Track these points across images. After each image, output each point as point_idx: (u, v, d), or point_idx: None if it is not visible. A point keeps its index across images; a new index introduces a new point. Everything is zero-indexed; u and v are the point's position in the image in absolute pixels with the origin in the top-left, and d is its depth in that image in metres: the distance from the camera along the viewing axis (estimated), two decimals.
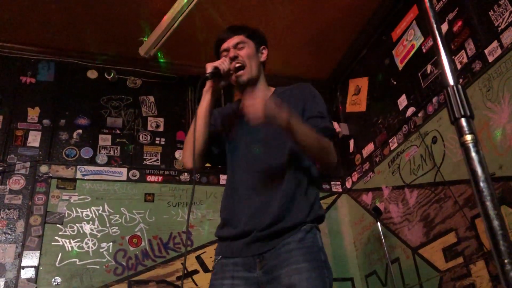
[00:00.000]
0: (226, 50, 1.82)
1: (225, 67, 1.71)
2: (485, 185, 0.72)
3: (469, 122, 0.77)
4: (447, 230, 2.98)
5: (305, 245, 1.58)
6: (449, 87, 0.79)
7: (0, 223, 3.26)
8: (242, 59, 1.79)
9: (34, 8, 3.60)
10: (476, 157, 0.74)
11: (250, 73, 1.80)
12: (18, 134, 3.64)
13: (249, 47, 1.84)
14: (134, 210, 3.59)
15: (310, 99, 1.79)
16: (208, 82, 1.74)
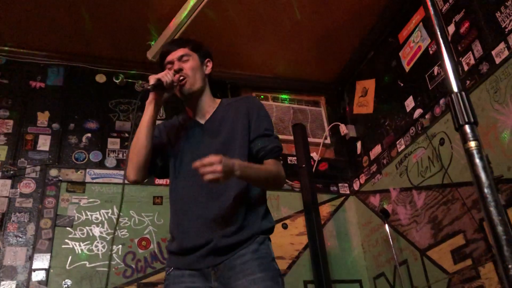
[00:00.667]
0: (170, 62, 1.84)
1: (168, 79, 1.71)
2: (489, 191, 0.73)
3: (473, 129, 0.78)
4: (455, 232, 2.98)
5: (259, 256, 1.60)
6: (453, 94, 0.80)
7: (12, 226, 3.30)
8: (186, 72, 1.80)
9: (43, 13, 3.64)
10: (480, 163, 0.75)
11: (194, 85, 1.81)
12: (28, 138, 3.68)
13: (194, 59, 1.85)
14: (142, 213, 3.61)
15: (255, 116, 1.79)
16: (151, 94, 1.75)
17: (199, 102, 1.86)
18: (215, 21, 3.77)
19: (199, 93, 1.84)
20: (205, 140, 1.79)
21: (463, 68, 3.02)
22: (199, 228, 1.66)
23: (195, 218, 1.68)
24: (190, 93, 1.81)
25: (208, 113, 1.86)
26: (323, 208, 4.05)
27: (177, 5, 3.49)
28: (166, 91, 1.76)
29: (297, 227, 3.88)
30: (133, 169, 1.74)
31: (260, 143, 1.73)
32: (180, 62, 1.82)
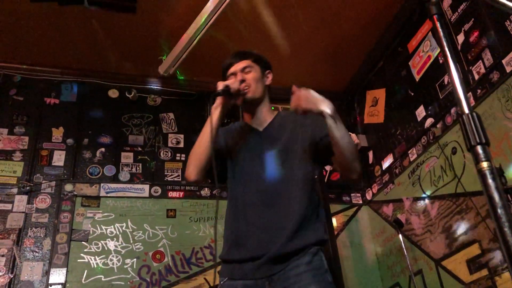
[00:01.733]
0: (233, 73, 1.88)
1: (235, 87, 1.77)
2: (502, 211, 0.74)
3: (485, 149, 0.80)
4: (470, 242, 2.96)
5: (313, 268, 1.59)
6: (464, 115, 0.82)
7: (28, 242, 3.35)
8: (248, 82, 1.84)
9: (56, 31, 3.72)
10: (492, 183, 0.76)
11: (255, 93, 1.84)
12: (44, 154, 3.74)
13: (255, 71, 1.89)
14: (156, 226, 3.65)
15: (315, 120, 1.79)
16: (218, 98, 1.78)
17: (258, 110, 1.89)
18: (225, 35, 3.81)
19: (259, 102, 1.88)
20: (264, 147, 1.81)
21: (473, 77, 3.02)
22: (256, 236, 1.65)
23: (252, 225, 1.68)
24: (251, 101, 1.85)
25: (266, 121, 1.89)
26: (336, 218, 4.05)
27: (187, 20, 3.54)
28: (232, 98, 1.80)
29: None
30: (194, 169, 1.76)
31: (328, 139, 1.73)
32: (242, 73, 1.86)
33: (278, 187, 1.71)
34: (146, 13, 3.60)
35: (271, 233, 1.63)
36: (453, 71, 0.84)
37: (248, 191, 1.75)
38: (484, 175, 0.77)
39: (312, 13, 3.75)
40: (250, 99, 1.83)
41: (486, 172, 0.78)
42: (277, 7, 3.66)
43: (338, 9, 3.73)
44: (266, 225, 1.65)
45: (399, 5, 3.76)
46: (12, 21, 3.60)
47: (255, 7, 3.62)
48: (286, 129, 1.84)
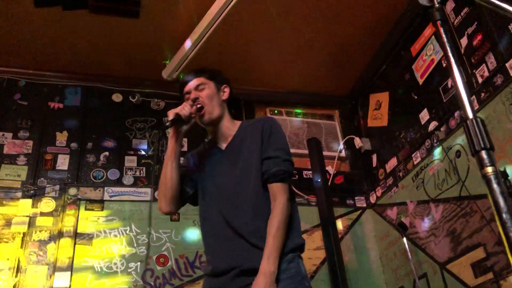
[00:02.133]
0: (188, 92, 1.90)
1: (186, 112, 1.79)
2: (508, 216, 0.74)
3: (490, 154, 0.80)
4: (475, 245, 2.95)
5: (289, 275, 1.61)
6: (469, 120, 0.82)
7: (33, 245, 3.36)
8: (202, 100, 1.86)
9: (60, 36, 3.74)
10: (497, 188, 0.77)
11: (211, 113, 1.87)
12: (48, 158, 3.76)
13: (210, 87, 1.91)
14: (160, 230, 3.65)
15: (266, 137, 1.81)
16: (172, 128, 1.82)
17: (219, 127, 1.91)
18: (228, 39, 3.82)
19: (218, 120, 1.90)
20: (226, 166, 1.84)
21: (477, 81, 3.02)
22: (227, 250, 1.70)
23: (222, 240, 1.72)
24: (209, 122, 1.88)
25: (229, 137, 1.91)
26: (340, 222, 4.04)
27: (191, 24, 3.56)
28: (185, 124, 1.82)
29: (314, 241, 3.88)
30: (164, 202, 1.83)
31: (265, 166, 1.75)
32: (196, 91, 1.88)
33: (239, 202, 1.74)
34: (149, 18, 3.62)
35: (239, 246, 1.67)
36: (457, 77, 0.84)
37: (212, 209, 1.80)
38: (489, 180, 0.77)
39: (315, 17, 3.76)
40: (207, 121, 1.86)
41: (491, 177, 0.78)
42: (280, 11, 3.66)
43: (341, 13, 3.74)
44: (234, 239, 1.69)
45: (402, 8, 3.76)
46: (16, 26, 3.63)
47: (258, 11, 3.63)
48: (245, 145, 1.85)
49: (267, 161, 1.76)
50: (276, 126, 1.87)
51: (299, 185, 4.09)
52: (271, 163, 1.75)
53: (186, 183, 1.89)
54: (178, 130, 1.83)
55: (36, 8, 3.44)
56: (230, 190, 1.77)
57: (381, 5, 3.69)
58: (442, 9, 0.95)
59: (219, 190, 1.80)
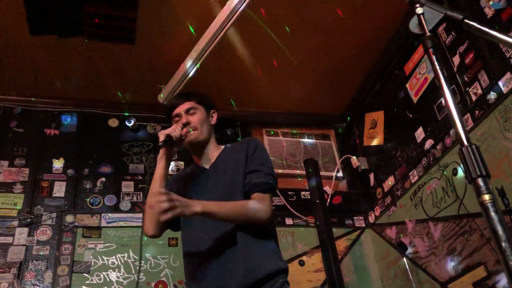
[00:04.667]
0: (178, 115, 1.91)
1: (177, 134, 1.79)
2: (507, 244, 0.74)
3: (486, 181, 0.80)
4: (475, 264, 2.93)
5: None
6: (464, 148, 0.82)
7: (29, 275, 3.31)
8: (194, 125, 1.87)
9: (56, 63, 3.77)
10: (495, 216, 0.76)
11: (201, 136, 1.89)
12: (44, 185, 3.73)
13: (200, 112, 1.93)
14: (158, 256, 3.61)
15: (250, 155, 1.84)
16: (162, 149, 1.82)
17: (205, 150, 1.93)
18: (223, 62, 3.85)
19: (205, 143, 1.92)
20: (210, 186, 1.84)
21: (471, 98, 3.04)
22: (212, 274, 1.67)
23: (207, 264, 1.70)
24: (196, 143, 1.89)
25: (213, 158, 1.93)
26: (340, 243, 4.01)
27: (186, 48, 3.58)
28: (175, 145, 1.84)
29: (314, 263, 3.84)
30: (150, 225, 1.80)
31: (247, 178, 1.77)
32: (187, 115, 1.90)
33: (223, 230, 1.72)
34: (145, 43, 3.65)
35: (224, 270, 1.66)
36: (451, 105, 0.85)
37: (196, 230, 1.78)
38: (487, 208, 0.77)
39: (309, 38, 3.80)
40: (195, 142, 1.88)
41: (488, 204, 0.78)
42: (274, 33, 3.70)
43: (335, 34, 3.78)
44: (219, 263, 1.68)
45: (394, 28, 3.81)
46: (12, 54, 3.64)
47: (253, 33, 3.67)
48: (230, 164, 1.86)
49: (250, 174, 1.78)
50: (260, 145, 1.91)
51: (297, 206, 4.08)
52: (253, 176, 1.77)
53: None
54: (168, 152, 1.83)
55: (32, 36, 3.46)
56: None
57: (374, 25, 3.73)
58: (433, 37, 0.96)
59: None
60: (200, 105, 1.94)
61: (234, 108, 4.30)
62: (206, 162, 1.93)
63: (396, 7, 3.53)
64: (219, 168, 1.88)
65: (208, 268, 1.70)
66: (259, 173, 1.78)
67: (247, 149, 1.85)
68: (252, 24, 3.56)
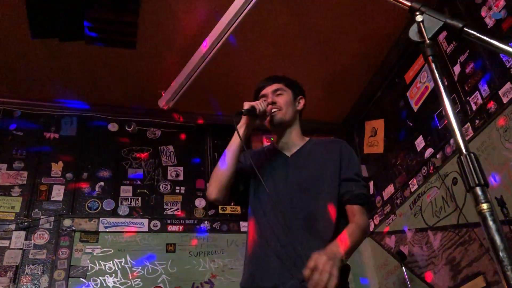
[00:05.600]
0: (264, 95, 1.90)
1: (261, 108, 1.78)
2: (504, 254, 0.73)
3: (484, 190, 0.79)
4: (474, 274, 2.90)
5: None
6: (462, 156, 0.82)
7: (25, 279, 3.29)
8: (279, 105, 1.86)
9: (56, 66, 3.77)
10: (493, 225, 0.75)
11: (285, 115, 1.86)
12: (42, 189, 3.73)
13: (287, 94, 1.92)
14: (156, 261, 3.59)
15: (346, 159, 1.80)
16: (243, 118, 1.80)
17: (288, 134, 1.90)
18: (223, 69, 3.85)
19: (288, 125, 1.89)
20: (289, 172, 1.79)
21: (471, 108, 3.04)
22: (276, 266, 1.59)
23: (272, 254, 1.63)
24: (280, 123, 1.86)
25: (295, 147, 1.88)
26: None
27: (186, 54, 3.59)
28: (257, 118, 1.81)
29: None
30: (215, 188, 1.76)
31: (347, 186, 1.73)
32: (274, 96, 1.88)
33: (300, 215, 1.67)
34: (146, 48, 3.65)
35: (291, 265, 1.57)
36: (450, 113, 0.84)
37: (267, 216, 1.72)
38: (485, 217, 0.76)
39: (310, 45, 3.80)
40: (279, 121, 1.85)
41: (486, 214, 0.77)
42: (275, 40, 3.71)
43: (336, 42, 3.79)
44: (286, 256, 1.59)
45: (395, 37, 3.81)
46: (12, 57, 3.65)
47: (253, 41, 3.67)
48: (315, 158, 1.82)
49: (349, 183, 1.74)
50: (353, 151, 1.89)
51: None
52: (354, 185, 1.73)
53: (239, 179, 1.84)
54: (249, 122, 1.80)
55: (33, 39, 3.46)
56: (293, 198, 1.71)
57: (375, 33, 3.74)
58: (433, 45, 0.96)
59: (280, 198, 1.73)
60: (288, 88, 1.93)
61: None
62: (287, 148, 1.89)
63: (397, 16, 3.54)
64: (301, 159, 1.83)
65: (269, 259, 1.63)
66: (358, 184, 1.75)
67: (341, 151, 1.82)
68: (253, 30, 3.57)
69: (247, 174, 1.87)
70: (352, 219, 1.68)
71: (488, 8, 2.94)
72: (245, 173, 1.86)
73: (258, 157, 1.93)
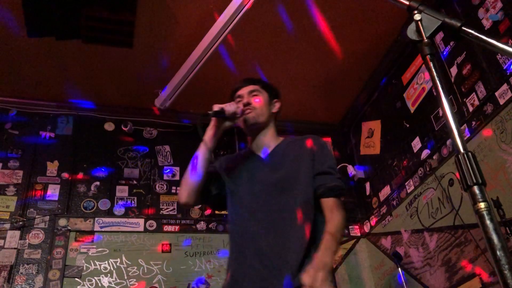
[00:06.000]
0: (240, 96, 1.89)
1: (231, 109, 1.77)
2: (502, 253, 0.72)
3: (482, 189, 0.78)
4: (470, 275, 2.91)
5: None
6: (460, 155, 0.81)
7: (20, 279, 3.27)
8: (254, 105, 1.85)
9: (53, 65, 3.75)
10: (491, 225, 0.75)
11: (259, 116, 1.85)
12: (38, 188, 3.71)
13: (263, 96, 1.91)
14: (151, 261, 3.58)
15: (319, 152, 1.80)
16: (212, 120, 1.79)
17: (262, 136, 1.89)
18: (220, 69, 3.84)
19: (262, 126, 1.88)
20: (264, 174, 1.79)
21: (467, 109, 3.04)
22: (257, 268, 1.59)
23: (252, 256, 1.63)
24: (254, 123, 1.85)
25: (270, 148, 1.88)
26: None
27: (184, 54, 3.58)
28: (227, 120, 1.80)
29: None
30: (185, 191, 1.76)
31: (321, 179, 1.72)
32: (249, 97, 1.88)
33: (276, 217, 1.66)
34: (142, 47, 3.64)
35: (271, 266, 1.57)
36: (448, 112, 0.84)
37: (246, 218, 1.71)
38: (482, 216, 0.76)
39: (307, 46, 3.80)
40: (253, 121, 1.84)
41: (483, 213, 0.76)
42: (271, 41, 3.71)
43: (333, 42, 3.79)
44: (266, 257, 1.59)
45: (392, 38, 3.82)
46: (8, 55, 3.63)
47: (249, 42, 3.67)
48: (290, 157, 1.81)
49: (323, 176, 1.73)
50: (326, 144, 1.89)
51: None
52: (328, 178, 1.73)
53: (212, 183, 1.83)
54: (219, 124, 1.79)
55: (29, 37, 3.44)
56: (269, 199, 1.71)
57: (372, 34, 3.74)
58: (431, 44, 0.95)
59: (256, 199, 1.73)
60: (264, 90, 1.93)
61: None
62: (262, 150, 1.88)
63: (394, 17, 3.54)
64: (276, 159, 1.82)
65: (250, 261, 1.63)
66: (333, 177, 1.74)
67: (314, 146, 1.82)
68: (251, 31, 3.56)
69: (220, 177, 1.85)
70: (328, 215, 1.67)
71: (485, 9, 2.94)
72: (217, 176, 1.85)
73: (234, 161, 1.93)
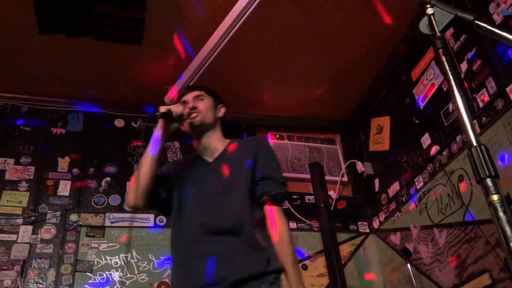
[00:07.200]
0: (185, 101, 1.90)
1: (178, 111, 1.78)
2: None
3: (495, 182, 0.79)
4: (480, 271, 2.90)
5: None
6: (473, 148, 0.82)
7: (32, 273, 3.32)
8: (199, 109, 1.86)
9: (63, 62, 3.79)
10: (504, 217, 0.76)
11: (204, 118, 1.86)
12: (49, 184, 3.75)
13: (208, 100, 1.93)
14: (161, 256, 3.61)
15: (263, 155, 1.81)
16: (160, 121, 1.79)
17: (207, 138, 1.89)
18: (229, 65, 3.86)
19: (208, 129, 1.89)
20: (209, 179, 1.80)
21: (478, 105, 3.03)
22: (202, 267, 1.61)
23: (197, 256, 1.64)
24: (200, 125, 1.85)
25: (217, 152, 1.88)
26: (343, 248, 3.99)
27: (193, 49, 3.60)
28: (174, 121, 1.81)
29: (317, 267, 3.82)
30: (133, 194, 1.76)
31: (264, 186, 1.74)
32: (195, 101, 1.89)
33: (222, 221, 1.68)
34: (152, 44, 3.66)
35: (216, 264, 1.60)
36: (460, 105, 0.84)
37: (190, 222, 1.73)
38: (495, 208, 0.77)
39: (316, 42, 3.80)
40: (198, 123, 1.85)
41: (497, 205, 0.77)
42: (281, 36, 3.71)
43: (342, 38, 3.79)
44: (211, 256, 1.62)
45: (402, 34, 3.80)
46: (20, 52, 3.67)
47: (259, 39, 3.68)
48: (234, 161, 1.82)
49: (266, 182, 1.74)
50: (271, 148, 1.90)
51: (301, 210, 4.07)
52: (271, 185, 1.74)
53: (160, 185, 1.83)
54: (166, 126, 1.80)
55: (41, 35, 3.48)
56: (214, 203, 1.72)
57: (381, 30, 3.73)
58: (443, 37, 0.96)
59: (201, 203, 1.74)
60: (209, 95, 1.95)
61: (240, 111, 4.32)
62: (208, 153, 1.89)
63: (403, 13, 3.53)
64: (221, 164, 1.83)
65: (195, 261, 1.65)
66: (275, 183, 1.76)
67: (257, 149, 1.82)
68: (260, 27, 3.57)
69: (170, 182, 1.87)
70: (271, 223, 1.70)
71: (496, 4, 2.93)
72: (167, 179, 1.87)
73: (182, 165, 1.95)
